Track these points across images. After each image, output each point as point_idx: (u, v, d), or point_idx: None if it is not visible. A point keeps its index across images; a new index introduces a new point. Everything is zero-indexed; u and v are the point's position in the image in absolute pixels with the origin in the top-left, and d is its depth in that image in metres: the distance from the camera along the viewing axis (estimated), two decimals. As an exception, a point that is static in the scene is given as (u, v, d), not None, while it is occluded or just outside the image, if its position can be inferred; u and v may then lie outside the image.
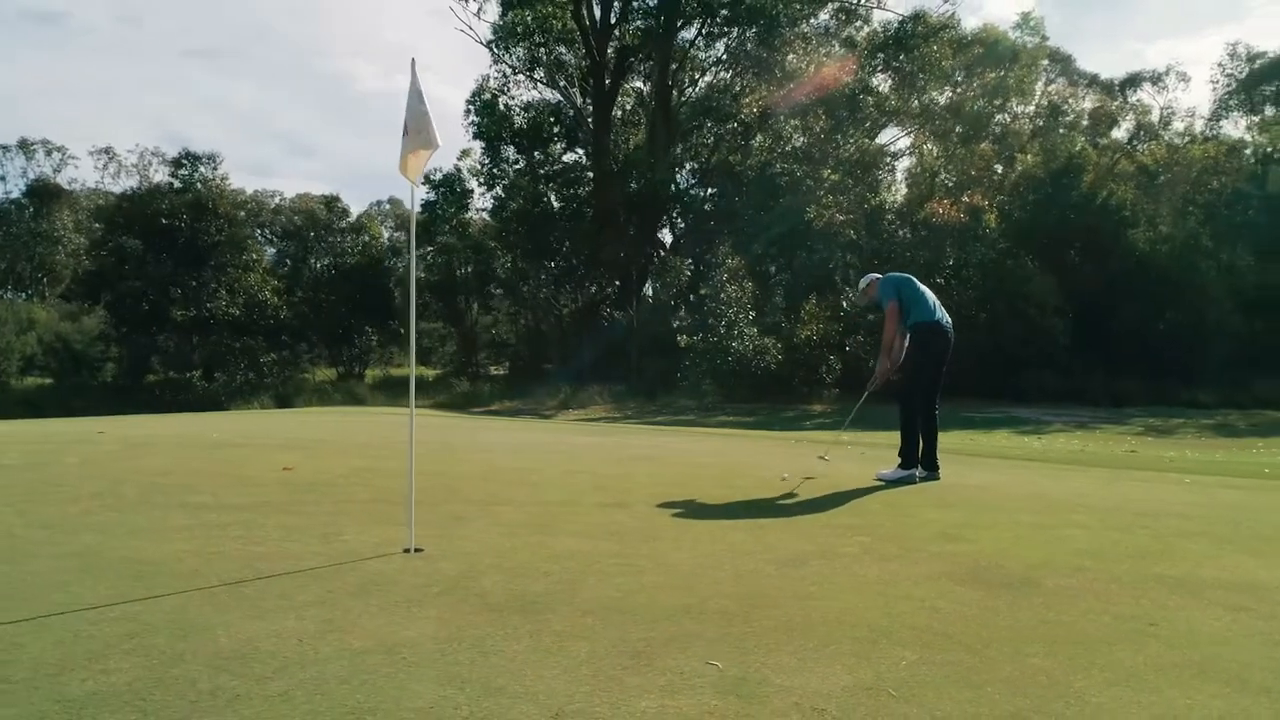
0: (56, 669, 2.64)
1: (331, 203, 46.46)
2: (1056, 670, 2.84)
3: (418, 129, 4.08)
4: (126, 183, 47.88)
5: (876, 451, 8.96)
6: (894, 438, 7.07)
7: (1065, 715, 2.50)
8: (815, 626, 3.22)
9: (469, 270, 40.43)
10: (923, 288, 7.12)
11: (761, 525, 5.08)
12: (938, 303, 7.10)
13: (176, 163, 37.27)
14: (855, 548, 4.52)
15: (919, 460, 6.97)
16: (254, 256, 37.91)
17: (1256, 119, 39.26)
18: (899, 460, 7.00)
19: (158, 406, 27.27)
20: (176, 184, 36.78)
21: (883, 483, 6.76)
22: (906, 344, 7.13)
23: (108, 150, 54.47)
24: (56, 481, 6.00)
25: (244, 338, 34.73)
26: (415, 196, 4.61)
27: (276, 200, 52.24)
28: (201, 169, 36.80)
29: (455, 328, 43.33)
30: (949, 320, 7.09)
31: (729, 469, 7.70)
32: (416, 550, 4.20)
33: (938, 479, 6.93)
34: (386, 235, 49.93)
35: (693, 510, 5.54)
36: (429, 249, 42.02)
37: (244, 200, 42.70)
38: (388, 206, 60.73)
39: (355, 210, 48.58)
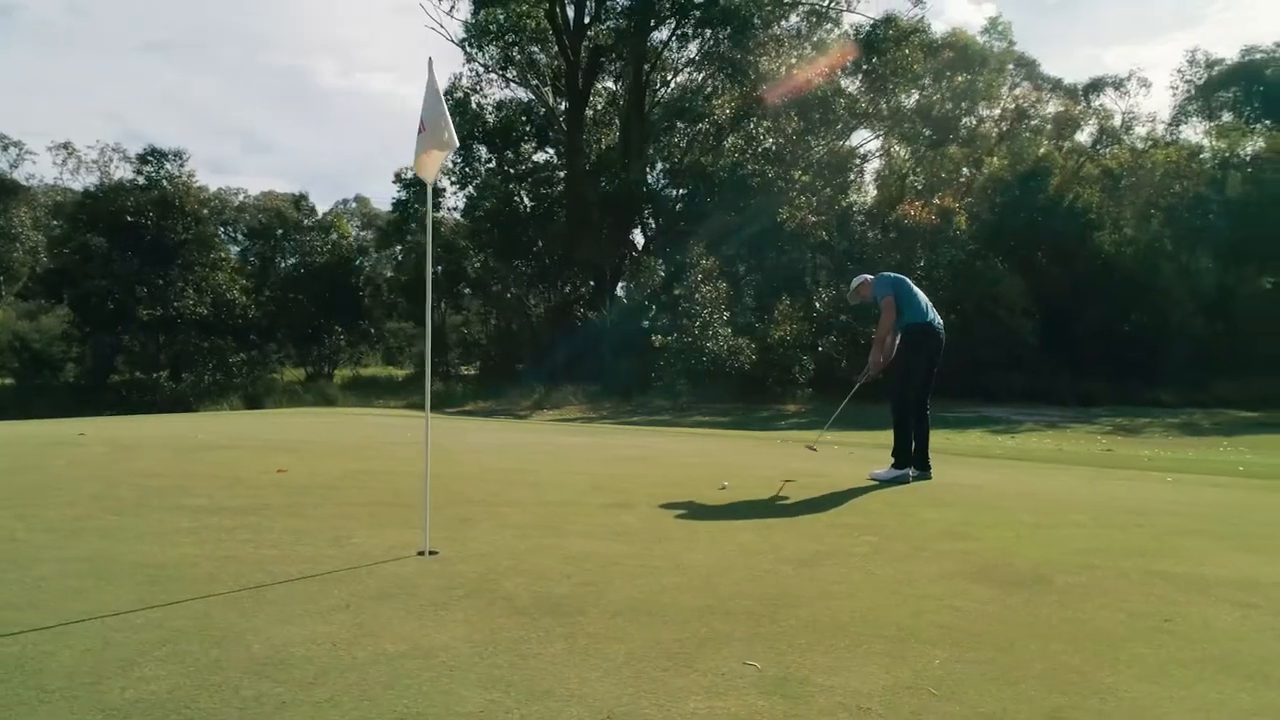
0: (93, 677, 2.59)
1: (299, 201, 45.88)
2: (1085, 666, 2.90)
3: (434, 128, 4.06)
4: (86, 179, 46.58)
5: (865, 451, 9.04)
6: (876, 437, 7.17)
7: (1103, 711, 2.55)
8: (844, 626, 3.25)
9: (439, 270, 40.17)
10: (916, 289, 7.20)
11: (768, 525, 5.12)
12: (930, 304, 7.19)
13: (142, 159, 36.50)
14: (865, 547, 4.57)
15: (911, 459, 7.06)
16: (222, 255, 37.32)
17: (1215, 124, 40.12)
18: (892, 460, 7.09)
19: (124, 407, 26.72)
20: (142, 181, 36.02)
21: (877, 482, 6.84)
22: (897, 342, 7.22)
23: (66, 146, 53.00)
24: (50, 484, 5.86)
25: (212, 337, 34.11)
26: (430, 195, 4.58)
27: (241, 198, 51.45)
28: (168, 165, 36.10)
29: (424, 327, 43.04)
30: (940, 321, 7.18)
31: (721, 469, 7.71)
32: (431, 553, 4.17)
33: (930, 478, 7.02)
34: (354, 234, 49.37)
35: (696, 511, 5.57)
36: (399, 248, 41.67)
37: (208, 198, 41.97)
38: (354, 205, 60.07)
39: (321, 209, 48.03)
